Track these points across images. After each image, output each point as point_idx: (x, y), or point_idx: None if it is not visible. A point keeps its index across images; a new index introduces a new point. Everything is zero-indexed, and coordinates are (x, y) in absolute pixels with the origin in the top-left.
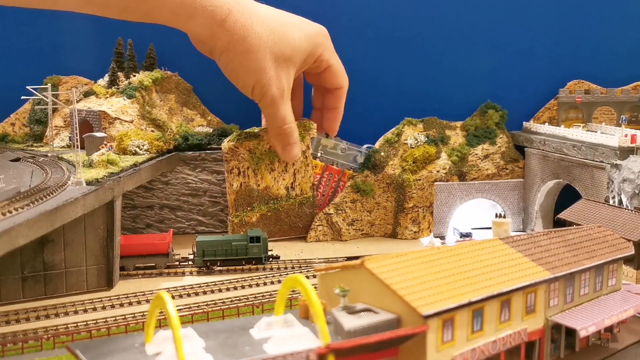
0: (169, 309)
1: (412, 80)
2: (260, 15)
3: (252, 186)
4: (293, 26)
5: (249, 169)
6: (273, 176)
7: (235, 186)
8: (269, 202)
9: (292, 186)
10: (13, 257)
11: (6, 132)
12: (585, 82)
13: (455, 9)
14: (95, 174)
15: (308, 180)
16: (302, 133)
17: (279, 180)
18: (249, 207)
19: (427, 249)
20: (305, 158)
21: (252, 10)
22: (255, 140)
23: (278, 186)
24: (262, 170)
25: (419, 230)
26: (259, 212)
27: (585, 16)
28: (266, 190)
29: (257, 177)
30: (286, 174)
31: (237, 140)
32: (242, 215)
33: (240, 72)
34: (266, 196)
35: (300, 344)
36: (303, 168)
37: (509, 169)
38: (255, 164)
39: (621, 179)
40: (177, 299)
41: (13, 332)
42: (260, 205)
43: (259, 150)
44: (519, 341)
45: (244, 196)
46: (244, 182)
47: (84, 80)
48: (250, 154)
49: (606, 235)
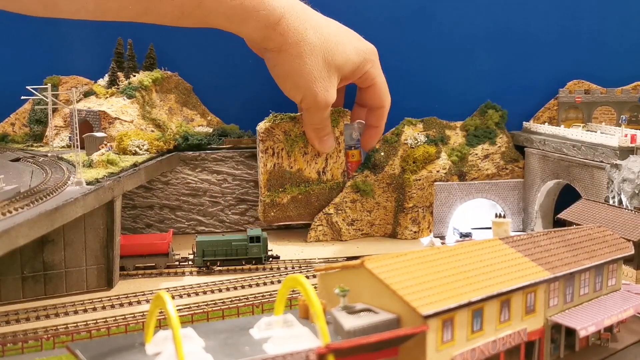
0: (169, 308)
1: (412, 80)
2: (314, 22)
3: (285, 167)
4: (345, 37)
5: (282, 150)
6: (306, 159)
7: (269, 166)
8: (301, 184)
9: (323, 171)
10: (13, 257)
11: (6, 132)
12: (585, 82)
13: (456, 8)
14: (95, 174)
15: (340, 166)
16: (337, 119)
17: (311, 164)
18: (281, 188)
19: (427, 249)
20: (337, 144)
21: (306, 17)
22: (291, 123)
23: (310, 169)
24: (295, 152)
25: (419, 230)
26: (290, 194)
27: (585, 16)
28: (298, 173)
29: (290, 159)
30: (319, 158)
31: (273, 122)
32: (274, 195)
33: (290, 76)
34: (298, 179)
35: (300, 344)
36: (335, 154)
37: (509, 169)
38: (289, 146)
39: (621, 179)
40: (177, 299)
41: (13, 332)
42: (292, 187)
43: (294, 132)
44: (518, 341)
45: (277, 177)
46: (277, 162)
47: (84, 80)
48: (285, 136)
49: (606, 235)
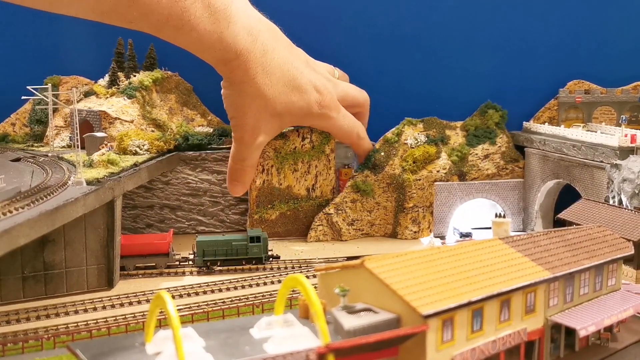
0: (169, 308)
1: (412, 80)
2: (269, 67)
3: (274, 184)
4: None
5: (272, 167)
6: (295, 176)
7: (258, 183)
8: (289, 201)
9: (313, 187)
10: (14, 256)
11: (6, 132)
12: (585, 82)
13: (456, 8)
14: (96, 174)
15: (330, 183)
16: (328, 137)
17: (300, 181)
18: (270, 205)
19: (427, 249)
20: (328, 162)
21: (263, 60)
22: (281, 140)
23: (300, 186)
24: (285, 169)
25: (419, 230)
26: (279, 211)
27: (585, 16)
28: (288, 190)
29: (280, 176)
30: (308, 175)
31: None
32: (262, 212)
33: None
34: (287, 195)
35: (300, 344)
36: (325, 171)
37: (509, 169)
38: (279, 162)
39: (621, 179)
40: (177, 299)
41: (13, 332)
42: (281, 204)
43: (284, 150)
44: (518, 341)
45: (266, 193)
46: (267, 179)
47: (84, 80)
48: (275, 153)
49: (606, 235)
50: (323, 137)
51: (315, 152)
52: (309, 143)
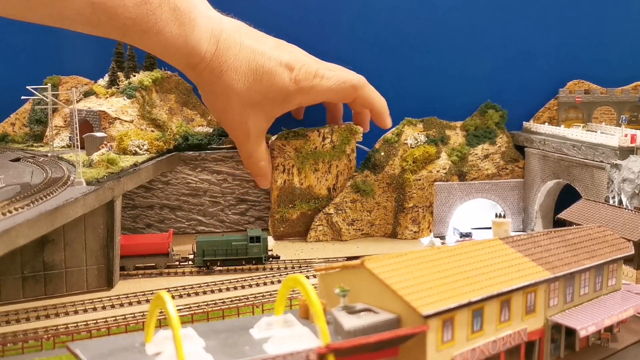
0: (169, 308)
1: (412, 80)
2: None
3: (295, 184)
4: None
5: (293, 167)
6: (316, 176)
7: (280, 182)
8: (310, 201)
9: (334, 187)
10: (13, 257)
11: (6, 132)
12: (585, 82)
13: (456, 9)
14: (96, 174)
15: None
16: (348, 136)
17: (321, 181)
18: (291, 205)
19: (427, 249)
20: (349, 161)
21: (227, 57)
22: (302, 140)
23: (320, 186)
24: (306, 169)
25: (419, 230)
26: (300, 210)
27: (585, 16)
28: (308, 189)
29: (300, 176)
30: (329, 175)
31: (285, 139)
32: (283, 211)
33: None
34: (308, 195)
35: (300, 344)
36: (346, 171)
37: (509, 169)
38: (300, 162)
39: (621, 179)
40: (177, 299)
41: (13, 332)
42: (302, 203)
43: (305, 149)
44: (518, 341)
45: (287, 193)
46: (287, 179)
47: (84, 80)
48: (296, 153)
49: (606, 235)
50: (344, 137)
51: (336, 152)
52: (330, 143)
